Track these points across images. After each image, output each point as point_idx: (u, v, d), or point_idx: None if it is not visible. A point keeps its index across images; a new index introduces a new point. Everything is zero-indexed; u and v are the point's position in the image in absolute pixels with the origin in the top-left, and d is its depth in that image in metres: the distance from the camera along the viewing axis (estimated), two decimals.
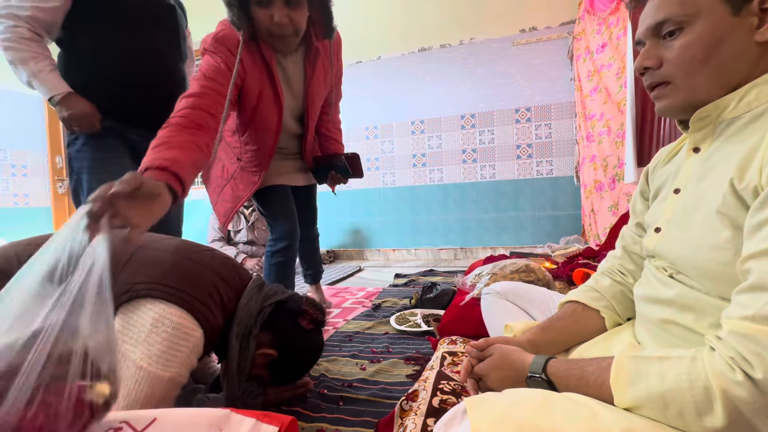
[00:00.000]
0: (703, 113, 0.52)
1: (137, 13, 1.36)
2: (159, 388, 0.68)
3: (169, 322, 0.70)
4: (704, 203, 0.49)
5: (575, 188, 3.33)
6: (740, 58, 0.48)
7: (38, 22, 1.24)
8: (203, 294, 0.77)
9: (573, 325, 0.70)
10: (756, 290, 0.39)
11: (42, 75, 1.24)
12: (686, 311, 0.52)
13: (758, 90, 0.48)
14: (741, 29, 0.47)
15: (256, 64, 1.21)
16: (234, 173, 1.41)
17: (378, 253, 3.97)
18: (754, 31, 0.47)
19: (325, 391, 1.07)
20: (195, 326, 0.73)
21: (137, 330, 0.69)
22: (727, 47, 0.48)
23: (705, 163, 0.53)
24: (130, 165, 1.37)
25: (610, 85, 2.44)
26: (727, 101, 0.50)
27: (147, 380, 0.67)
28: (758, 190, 0.42)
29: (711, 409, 0.38)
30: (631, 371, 0.44)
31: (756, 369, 0.36)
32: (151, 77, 1.39)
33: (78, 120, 1.29)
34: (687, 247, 0.51)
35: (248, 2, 1.11)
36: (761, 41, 0.47)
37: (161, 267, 0.76)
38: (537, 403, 0.44)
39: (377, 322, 1.70)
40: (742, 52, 0.48)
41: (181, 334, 0.70)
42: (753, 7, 0.47)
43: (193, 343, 0.72)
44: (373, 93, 3.91)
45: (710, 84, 0.50)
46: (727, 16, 0.47)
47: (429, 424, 0.71)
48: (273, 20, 1.11)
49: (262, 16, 1.11)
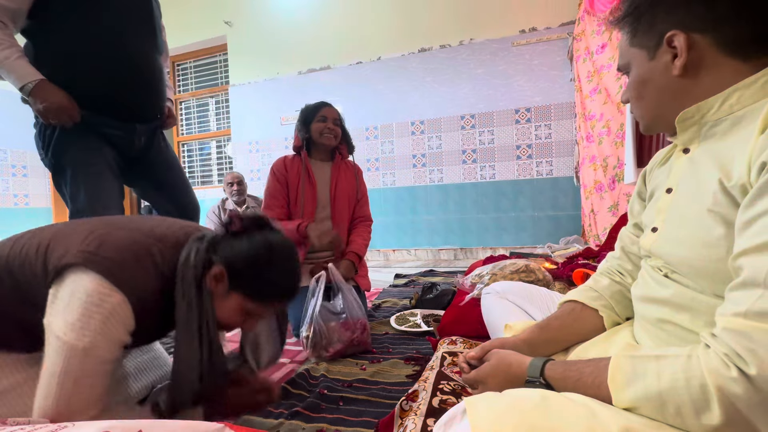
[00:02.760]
0: (686, 115, 0.54)
1: (108, 2, 1.30)
2: (75, 361, 0.64)
3: (83, 288, 0.66)
4: (696, 202, 0.50)
5: (575, 189, 3.33)
6: (666, 92, 0.56)
7: (2, 9, 1.17)
8: (125, 255, 0.71)
9: (571, 323, 0.71)
10: (748, 286, 0.39)
11: (9, 62, 1.16)
12: (682, 310, 0.52)
13: (739, 94, 0.49)
14: (658, 71, 0.55)
15: (294, 165, 1.81)
16: None
17: (378, 254, 3.97)
18: (671, 68, 0.53)
19: (325, 391, 1.07)
20: (110, 290, 0.67)
21: (59, 302, 0.67)
22: (651, 85, 0.57)
23: (694, 163, 0.54)
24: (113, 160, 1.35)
25: (610, 86, 2.44)
26: (711, 104, 0.52)
27: (62, 352, 0.64)
28: (747, 187, 0.43)
29: (708, 407, 0.38)
30: (627, 371, 0.45)
31: (750, 365, 0.36)
32: (124, 69, 1.34)
33: (55, 112, 1.22)
34: (681, 245, 0.52)
35: (311, 121, 1.78)
36: (678, 75, 0.53)
37: (77, 236, 0.72)
38: (536, 402, 0.44)
39: (377, 322, 1.70)
40: (665, 87, 0.55)
41: (95, 300, 0.65)
42: (663, 48, 0.53)
43: (108, 309, 0.66)
44: (373, 93, 3.91)
45: (650, 113, 0.60)
46: (646, 61, 0.57)
47: (429, 424, 0.71)
48: (327, 127, 1.76)
49: (319, 127, 1.76)
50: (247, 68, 4.45)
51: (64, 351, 0.64)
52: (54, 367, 0.64)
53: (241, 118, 4.50)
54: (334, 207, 1.81)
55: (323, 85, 4.06)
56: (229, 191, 3.21)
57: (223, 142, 4.80)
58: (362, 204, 1.93)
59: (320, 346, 1.32)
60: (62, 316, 0.65)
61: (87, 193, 1.29)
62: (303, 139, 1.79)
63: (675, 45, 0.52)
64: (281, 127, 4.32)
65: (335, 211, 1.81)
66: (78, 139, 1.29)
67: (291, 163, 1.80)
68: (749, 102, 0.49)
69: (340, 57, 4.02)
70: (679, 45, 0.51)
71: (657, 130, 0.61)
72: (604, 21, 0.62)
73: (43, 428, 0.53)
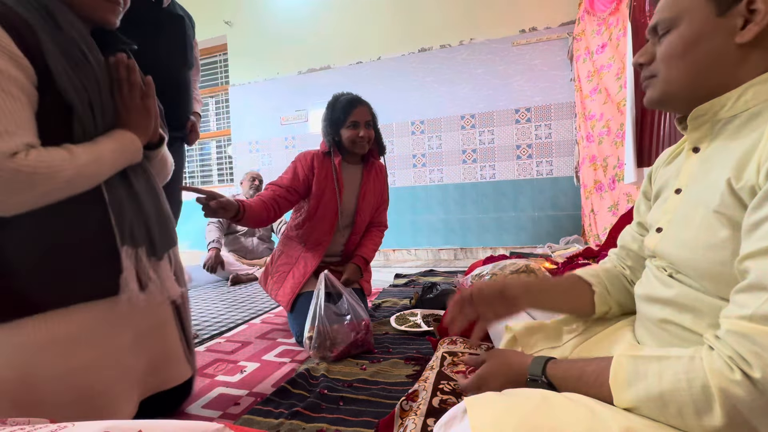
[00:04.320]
0: (699, 111, 0.53)
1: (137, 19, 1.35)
2: None
3: None
4: (703, 203, 0.49)
5: (575, 188, 3.33)
6: (717, 59, 0.50)
7: None
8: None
9: (566, 287, 0.75)
10: (754, 289, 0.39)
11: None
12: (685, 311, 0.52)
13: (755, 89, 0.48)
14: (721, 31, 0.49)
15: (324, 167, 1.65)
16: (299, 256, 1.69)
17: (378, 253, 3.97)
18: (735, 33, 0.48)
19: (325, 391, 1.07)
20: None
21: None
22: (704, 46, 0.50)
23: (704, 163, 0.53)
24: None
25: (610, 86, 2.44)
26: (724, 100, 0.50)
27: None
28: (755, 189, 0.42)
29: (710, 409, 0.38)
30: (629, 371, 0.45)
31: (754, 368, 0.36)
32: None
33: None
34: (686, 246, 0.51)
35: (340, 126, 1.63)
36: (741, 42, 0.48)
37: None
38: (536, 402, 0.44)
39: (377, 323, 1.70)
40: (720, 53, 0.49)
41: None
42: (740, 7, 0.47)
43: None
44: (373, 93, 3.90)
45: (685, 78, 0.53)
46: (711, 16, 0.49)
47: (429, 424, 0.71)
48: (359, 136, 1.60)
49: (350, 135, 1.61)
50: (247, 68, 4.44)
51: None
52: None
53: (241, 118, 4.50)
54: (358, 216, 1.72)
55: (323, 85, 4.06)
56: (248, 185, 3.29)
57: (224, 142, 4.80)
58: (381, 210, 1.84)
59: (324, 347, 1.32)
60: None
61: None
62: (330, 144, 1.64)
63: (756, 8, 0.47)
64: (281, 127, 4.31)
65: (358, 220, 1.72)
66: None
67: (321, 163, 1.64)
68: (765, 97, 0.48)
69: (340, 57, 4.02)
70: (764, 8, 0.46)
71: (670, 103, 0.56)
72: None
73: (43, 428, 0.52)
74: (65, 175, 0.69)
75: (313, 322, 1.34)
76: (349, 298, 1.42)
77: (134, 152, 0.84)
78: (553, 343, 0.72)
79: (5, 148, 0.63)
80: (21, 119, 0.66)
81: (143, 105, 0.86)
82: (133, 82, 0.84)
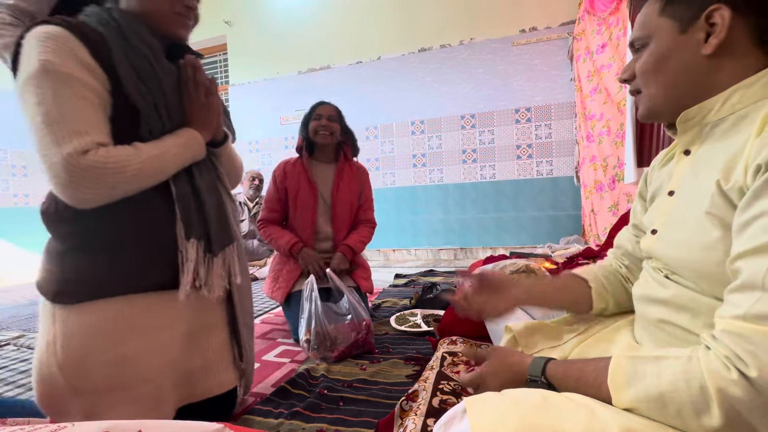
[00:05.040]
0: (688, 116, 0.54)
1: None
2: (42, 88, 0.70)
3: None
4: (695, 204, 0.50)
5: (575, 188, 3.33)
6: (689, 71, 0.53)
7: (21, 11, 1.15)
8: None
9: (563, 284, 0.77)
10: (746, 289, 0.40)
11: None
12: (681, 311, 0.52)
13: (741, 93, 0.49)
14: (687, 46, 0.52)
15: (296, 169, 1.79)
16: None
17: (378, 253, 3.97)
18: (701, 46, 0.51)
19: (325, 391, 1.07)
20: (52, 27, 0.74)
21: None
22: (673, 62, 0.54)
23: (695, 165, 0.54)
24: None
25: (610, 86, 2.44)
26: (711, 104, 0.52)
27: (28, 89, 0.71)
28: (744, 189, 0.43)
29: (708, 409, 0.38)
30: (628, 371, 0.45)
31: (751, 367, 0.36)
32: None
33: None
34: (680, 248, 0.52)
35: (308, 123, 1.76)
36: (708, 53, 0.50)
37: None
38: (536, 402, 0.44)
39: (377, 323, 1.70)
40: (691, 66, 0.52)
41: (40, 37, 0.73)
42: (700, 23, 0.50)
43: (49, 34, 0.72)
44: (373, 93, 3.91)
45: (663, 93, 0.56)
46: (675, 34, 0.53)
47: (429, 425, 0.71)
48: (320, 125, 1.73)
49: (314, 126, 1.74)
50: (247, 68, 4.45)
51: (29, 87, 0.71)
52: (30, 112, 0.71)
53: (240, 118, 4.50)
54: (335, 211, 1.78)
55: (323, 85, 4.06)
56: (248, 184, 3.31)
57: None
58: (366, 208, 1.89)
59: (325, 348, 1.32)
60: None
61: None
62: (303, 139, 1.78)
63: (714, 22, 0.49)
64: (281, 127, 4.32)
65: (336, 215, 1.78)
66: None
67: (292, 167, 1.78)
68: (752, 101, 0.49)
69: (340, 57, 4.02)
70: (720, 22, 0.48)
71: (658, 116, 0.59)
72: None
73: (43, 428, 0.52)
74: (131, 169, 0.75)
75: (309, 324, 1.34)
76: (351, 298, 1.42)
77: (197, 148, 0.88)
78: (553, 343, 0.72)
79: (78, 146, 0.70)
80: (93, 120, 0.74)
81: (207, 102, 0.92)
82: (198, 80, 0.90)
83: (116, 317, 0.78)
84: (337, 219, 1.79)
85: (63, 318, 0.77)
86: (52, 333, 0.77)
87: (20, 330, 1.94)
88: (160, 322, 0.83)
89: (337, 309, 1.41)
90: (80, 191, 0.71)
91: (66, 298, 0.77)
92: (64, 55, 0.72)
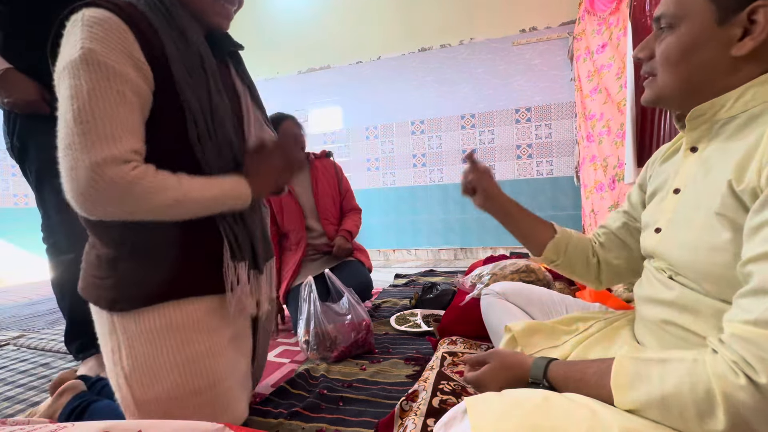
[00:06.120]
0: (699, 111, 0.53)
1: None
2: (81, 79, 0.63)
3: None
4: (704, 204, 0.49)
5: (575, 188, 3.33)
6: (710, 68, 0.50)
7: None
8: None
9: (535, 219, 0.86)
10: (758, 294, 0.39)
11: None
12: (686, 312, 0.52)
13: (755, 90, 0.48)
14: (718, 41, 0.49)
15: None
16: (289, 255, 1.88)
17: (378, 253, 3.97)
18: (733, 44, 0.48)
19: (324, 392, 1.07)
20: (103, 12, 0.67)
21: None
22: (699, 55, 0.50)
23: (704, 164, 0.53)
24: None
25: (610, 86, 2.44)
26: (723, 100, 0.50)
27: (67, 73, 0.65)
28: (757, 191, 0.42)
29: (712, 413, 0.38)
30: (631, 373, 0.44)
31: (760, 373, 0.36)
32: None
33: (21, 107, 1.14)
34: (686, 248, 0.51)
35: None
36: (737, 55, 0.47)
37: None
38: (537, 403, 0.44)
39: (377, 323, 1.70)
40: (714, 63, 0.50)
41: (87, 20, 0.66)
42: (742, 16, 0.47)
43: (97, 19, 0.65)
44: (373, 93, 3.91)
45: (677, 84, 0.53)
46: (711, 24, 0.49)
47: (429, 425, 0.71)
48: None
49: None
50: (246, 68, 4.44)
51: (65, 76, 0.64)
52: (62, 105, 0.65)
53: None
54: (320, 209, 1.89)
55: (323, 85, 4.06)
56: None
57: None
58: (348, 198, 2.03)
59: (324, 348, 1.32)
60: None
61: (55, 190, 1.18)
62: None
63: (756, 19, 0.46)
64: None
65: (321, 212, 1.90)
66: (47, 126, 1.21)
67: None
68: (765, 99, 0.47)
69: (340, 57, 4.02)
70: (763, 21, 0.45)
71: (664, 104, 0.57)
72: None
73: (43, 428, 0.53)
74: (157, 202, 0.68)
75: (308, 325, 1.33)
76: (350, 298, 1.41)
77: (237, 205, 0.81)
78: (552, 343, 0.72)
79: (108, 154, 0.63)
80: (129, 124, 0.67)
81: (277, 176, 0.87)
82: (286, 153, 0.86)
83: (183, 319, 0.76)
84: (324, 215, 1.90)
85: (123, 326, 0.74)
86: (116, 342, 0.74)
87: (20, 330, 1.94)
88: (219, 324, 0.82)
89: (336, 309, 1.41)
90: (94, 204, 0.65)
91: (125, 304, 0.74)
92: (111, 45, 0.65)
